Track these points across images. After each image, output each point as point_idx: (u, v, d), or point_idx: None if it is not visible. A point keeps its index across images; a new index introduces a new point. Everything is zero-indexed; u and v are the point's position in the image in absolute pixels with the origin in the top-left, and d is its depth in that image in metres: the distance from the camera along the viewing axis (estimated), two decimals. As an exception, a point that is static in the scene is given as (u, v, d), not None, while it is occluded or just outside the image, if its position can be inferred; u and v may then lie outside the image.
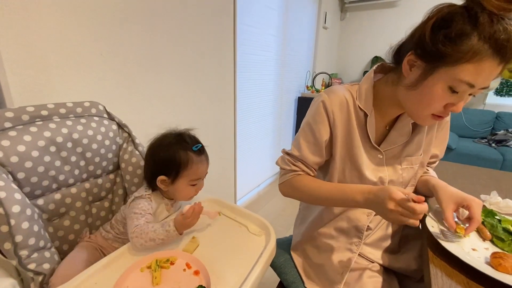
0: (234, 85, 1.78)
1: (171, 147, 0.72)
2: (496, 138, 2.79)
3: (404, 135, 0.69)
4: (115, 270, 0.56)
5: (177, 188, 0.74)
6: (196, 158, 0.74)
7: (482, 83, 0.50)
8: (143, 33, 1.10)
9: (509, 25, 0.45)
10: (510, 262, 0.49)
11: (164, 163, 0.72)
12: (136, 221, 0.66)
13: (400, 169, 0.71)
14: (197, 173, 0.74)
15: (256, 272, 0.57)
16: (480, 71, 0.48)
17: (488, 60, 0.47)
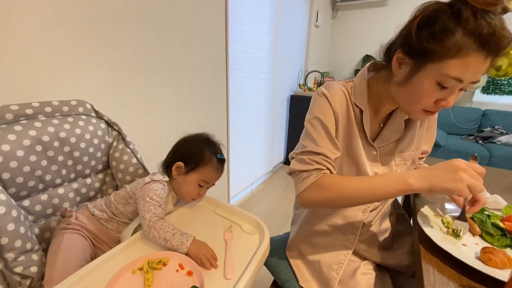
0: (226, 83, 1.76)
1: (201, 145, 0.79)
2: (483, 135, 2.86)
3: (397, 131, 0.70)
4: (106, 273, 0.55)
5: (186, 181, 0.77)
6: (216, 164, 0.79)
7: (470, 78, 0.50)
8: (132, 30, 1.08)
9: (493, 19, 0.45)
10: (499, 257, 0.50)
11: (189, 154, 0.77)
12: (154, 208, 0.67)
13: (394, 165, 0.71)
14: (210, 176, 0.79)
15: (250, 271, 0.57)
16: (466, 66, 0.49)
17: (474, 54, 0.47)
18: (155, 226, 0.63)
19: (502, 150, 2.55)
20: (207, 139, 0.82)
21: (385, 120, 0.71)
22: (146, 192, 0.70)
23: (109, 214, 0.76)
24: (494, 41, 0.46)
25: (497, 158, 2.53)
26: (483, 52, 0.47)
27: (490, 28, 0.45)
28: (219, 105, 1.74)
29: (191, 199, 0.81)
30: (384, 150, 0.71)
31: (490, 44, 0.46)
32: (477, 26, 0.45)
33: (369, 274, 0.71)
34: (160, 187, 0.73)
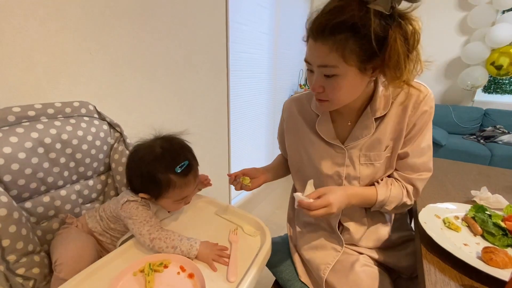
0: (227, 84, 1.76)
1: (150, 169, 0.65)
2: (484, 134, 2.85)
3: (365, 130, 0.68)
4: (107, 275, 0.55)
5: (162, 204, 0.71)
6: (180, 180, 0.66)
7: (311, 59, 0.59)
8: (133, 31, 1.08)
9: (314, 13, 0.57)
10: (501, 257, 0.50)
11: (144, 182, 0.66)
12: (146, 223, 0.64)
13: (358, 164, 0.71)
14: (181, 194, 0.69)
15: (252, 273, 0.57)
16: (308, 49, 0.59)
17: (309, 40, 0.58)
18: (159, 236, 0.62)
19: (504, 150, 2.54)
20: (155, 157, 0.66)
21: (356, 119, 0.71)
22: (128, 213, 0.66)
23: (102, 228, 0.74)
24: (310, 29, 0.56)
25: (498, 157, 2.52)
26: (311, 37, 0.57)
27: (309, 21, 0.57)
28: (219, 106, 1.74)
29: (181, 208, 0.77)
30: (354, 149, 0.71)
31: (310, 31, 0.56)
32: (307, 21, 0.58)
33: (368, 266, 0.71)
34: (138, 205, 0.68)
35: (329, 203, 0.59)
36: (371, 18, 0.50)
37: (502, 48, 2.68)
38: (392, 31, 0.51)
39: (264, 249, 0.64)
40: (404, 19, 0.52)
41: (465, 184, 0.92)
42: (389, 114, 0.67)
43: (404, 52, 0.53)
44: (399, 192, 0.68)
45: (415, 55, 0.56)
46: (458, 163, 1.14)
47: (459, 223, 0.67)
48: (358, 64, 0.55)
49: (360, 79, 0.58)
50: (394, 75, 0.56)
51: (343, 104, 0.64)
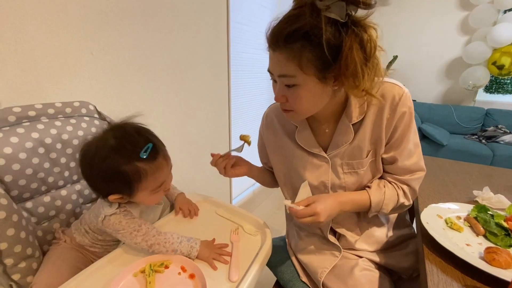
0: (228, 84, 1.76)
1: (110, 160, 0.56)
2: (486, 134, 2.84)
3: (344, 137, 0.67)
4: (107, 275, 0.55)
5: (141, 200, 0.63)
6: (149, 166, 0.58)
7: (271, 69, 0.58)
8: (134, 31, 1.08)
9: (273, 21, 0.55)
10: (503, 257, 0.50)
11: (109, 181, 0.57)
12: (138, 232, 0.61)
13: (342, 173, 0.69)
14: (157, 180, 0.61)
15: (253, 272, 0.57)
16: (269, 59, 0.58)
17: (269, 50, 0.57)
18: (157, 242, 0.60)
19: (506, 150, 2.54)
20: (111, 149, 0.56)
21: (334, 127, 0.68)
22: (113, 229, 0.61)
23: (90, 241, 0.70)
24: (267, 38, 0.55)
25: (500, 157, 2.51)
26: (270, 47, 0.56)
27: (267, 31, 0.56)
28: (220, 105, 1.74)
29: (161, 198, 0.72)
30: (336, 158, 0.69)
31: (268, 41, 0.56)
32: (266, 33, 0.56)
33: (367, 270, 0.70)
34: (121, 217, 0.61)
35: (315, 212, 0.58)
36: (322, 27, 0.48)
37: (504, 48, 2.67)
38: (347, 39, 0.49)
39: (265, 248, 0.64)
40: (359, 27, 0.50)
41: (467, 184, 0.92)
42: (366, 118, 0.65)
43: (361, 61, 0.51)
44: (393, 193, 0.67)
45: (374, 63, 0.53)
46: (460, 163, 1.13)
47: (461, 223, 0.67)
48: (317, 74, 0.53)
49: (322, 88, 0.56)
50: (353, 84, 0.53)
51: (309, 114, 0.63)
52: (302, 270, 0.78)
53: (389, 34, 3.41)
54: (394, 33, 3.41)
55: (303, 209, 0.59)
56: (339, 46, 0.50)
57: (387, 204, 0.66)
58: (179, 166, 1.45)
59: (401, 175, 0.68)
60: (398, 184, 0.68)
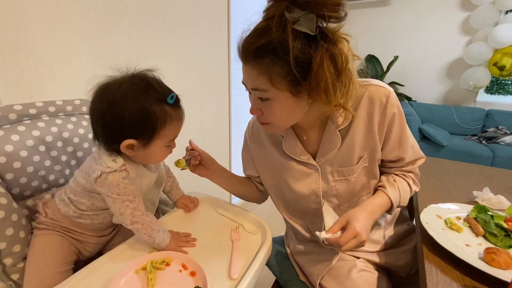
0: (229, 83, 1.76)
1: (138, 102, 0.53)
2: (487, 135, 2.84)
3: (332, 144, 0.65)
4: (109, 272, 0.55)
5: (151, 152, 0.59)
6: (174, 112, 0.58)
7: (245, 81, 0.57)
8: (135, 31, 1.08)
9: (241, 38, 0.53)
10: (503, 257, 0.50)
11: (133, 124, 0.54)
12: (131, 204, 0.58)
13: (333, 181, 0.68)
14: (176, 131, 0.61)
15: (253, 271, 0.57)
16: (242, 72, 0.56)
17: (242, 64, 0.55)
18: (142, 222, 0.60)
19: (506, 151, 2.53)
20: (142, 89, 0.54)
21: (321, 134, 0.67)
22: (107, 189, 0.57)
23: (75, 210, 0.64)
24: (239, 52, 0.53)
25: (500, 158, 2.51)
26: (241, 60, 0.54)
27: (238, 43, 0.53)
28: (221, 105, 1.75)
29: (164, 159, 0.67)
30: (325, 166, 0.68)
31: (240, 54, 0.54)
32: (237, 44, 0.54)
33: (365, 271, 0.69)
34: (119, 178, 0.57)
35: (357, 233, 0.53)
36: (289, 43, 0.46)
37: (505, 48, 2.67)
38: (316, 55, 0.47)
39: (265, 247, 0.64)
40: (328, 41, 0.48)
41: (467, 184, 0.92)
42: (354, 124, 0.63)
43: (333, 76, 0.49)
44: (405, 184, 0.68)
45: (348, 76, 0.51)
46: (460, 164, 1.13)
47: (461, 223, 0.67)
48: (289, 88, 0.51)
49: (296, 102, 0.54)
50: (325, 100, 0.51)
51: (287, 126, 0.62)
52: (301, 270, 0.79)
53: (389, 34, 3.41)
54: (395, 33, 3.41)
55: (343, 235, 0.54)
56: (308, 62, 0.48)
57: (404, 197, 0.67)
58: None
59: (409, 168, 0.69)
60: (405, 173, 0.70)
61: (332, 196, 0.70)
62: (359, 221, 0.55)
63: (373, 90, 0.61)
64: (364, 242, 0.55)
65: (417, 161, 0.70)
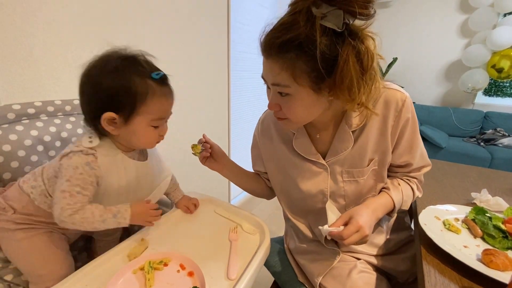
0: (228, 84, 1.76)
1: (120, 72, 0.52)
2: (485, 137, 2.85)
3: (344, 144, 0.65)
4: (107, 272, 0.55)
5: (134, 130, 0.55)
6: (159, 89, 0.55)
7: (265, 76, 0.57)
8: (135, 31, 1.08)
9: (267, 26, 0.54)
10: (501, 259, 0.50)
11: (111, 94, 0.52)
12: (69, 197, 0.51)
13: (341, 181, 0.68)
14: (160, 109, 0.57)
15: (251, 271, 0.57)
16: (263, 65, 0.57)
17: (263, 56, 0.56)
18: (74, 220, 0.52)
19: (504, 153, 2.55)
20: (125, 57, 0.54)
21: (333, 133, 0.67)
22: (64, 171, 0.52)
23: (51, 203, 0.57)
24: (261, 45, 0.54)
25: (499, 160, 2.52)
26: (263, 55, 0.55)
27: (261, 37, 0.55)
28: (220, 106, 1.75)
29: (155, 144, 0.63)
30: (336, 165, 0.68)
31: (262, 47, 0.54)
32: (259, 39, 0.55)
33: (365, 273, 0.69)
34: (82, 162, 0.52)
35: (359, 227, 0.54)
36: (317, 38, 0.45)
37: (503, 51, 2.68)
38: (343, 52, 0.47)
39: (263, 247, 0.64)
40: (356, 38, 0.48)
41: (466, 186, 0.92)
42: (368, 126, 0.63)
43: (357, 74, 0.49)
44: (409, 189, 0.69)
45: (372, 75, 0.51)
46: (458, 165, 1.13)
47: (459, 225, 0.67)
48: (311, 85, 0.51)
49: (316, 99, 0.54)
50: (348, 98, 0.51)
51: (304, 123, 0.61)
52: (300, 271, 0.78)
53: (389, 36, 3.42)
54: (394, 35, 3.42)
55: (346, 228, 0.54)
56: (334, 58, 0.48)
57: (406, 201, 0.68)
58: (179, 166, 1.45)
59: (415, 174, 0.71)
60: (410, 179, 0.71)
61: (339, 196, 0.70)
62: (362, 216, 0.56)
63: (390, 93, 0.61)
64: (367, 237, 0.55)
65: (423, 168, 0.71)
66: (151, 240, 0.66)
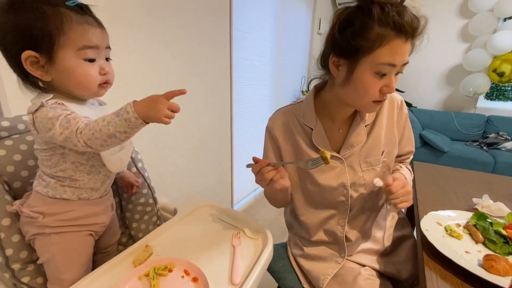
0: (231, 91, 1.79)
1: (26, 4, 0.46)
2: (487, 141, 2.84)
3: (358, 137, 0.71)
4: (112, 278, 0.56)
5: (65, 68, 0.49)
6: (76, 16, 0.49)
7: (400, 60, 0.58)
8: (139, 39, 1.11)
9: (399, 7, 0.55)
10: (502, 264, 0.51)
11: (22, 31, 0.46)
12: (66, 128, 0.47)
13: (361, 171, 0.72)
14: (84, 37, 0.49)
15: (254, 276, 0.57)
16: (393, 51, 0.56)
17: (395, 40, 0.55)
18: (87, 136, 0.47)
19: (507, 157, 2.53)
20: None
21: (346, 127, 0.73)
22: (42, 128, 0.49)
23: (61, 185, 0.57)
24: (405, 24, 0.54)
25: (502, 164, 2.51)
26: (401, 36, 0.55)
27: (399, 16, 0.54)
28: (223, 112, 1.77)
29: (100, 87, 0.56)
30: (351, 157, 0.72)
31: (404, 27, 0.54)
32: (387, 17, 0.54)
33: (371, 280, 0.71)
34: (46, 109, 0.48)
35: (404, 183, 0.64)
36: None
37: (504, 55, 2.69)
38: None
39: (266, 252, 0.65)
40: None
41: (467, 191, 0.93)
42: (378, 121, 0.73)
43: None
44: (408, 171, 0.80)
45: None
46: (460, 170, 1.14)
47: (461, 230, 0.67)
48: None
49: None
50: None
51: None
52: (304, 276, 0.79)
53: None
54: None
55: (394, 183, 0.63)
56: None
57: (409, 179, 0.75)
58: (181, 172, 1.47)
59: (407, 159, 0.84)
60: (404, 163, 0.83)
61: (360, 186, 0.73)
62: (401, 178, 0.66)
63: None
64: (410, 195, 0.64)
65: (412, 153, 0.84)
66: (155, 246, 0.67)
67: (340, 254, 0.76)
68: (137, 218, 0.84)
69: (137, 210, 0.84)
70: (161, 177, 1.33)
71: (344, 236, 0.75)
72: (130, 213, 0.84)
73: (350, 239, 0.76)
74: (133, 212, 0.84)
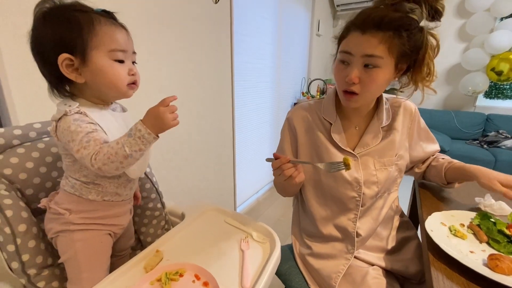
0: (232, 93, 1.80)
1: (60, 15, 0.50)
2: (488, 139, 2.86)
3: (374, 138, 0.75)
4: (124, 284, 0.57)
5: (98, 68, 0.52)
6: (104, 19, 0.53)
7: (354, 50, 0.63)
8: (143, 44, 1.12)
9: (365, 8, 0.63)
10: (506, 263, 0.52)
11: (59, 37, 0.50)
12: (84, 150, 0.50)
13: (374, 170, 0.75)
14: (113, 39, 0.53)
15: (264, 278, 0.58)
16: (349, 41, 0.64)
17: (353, 33, 0.63)
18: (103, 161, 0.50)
19: (508, 155, 2.55)
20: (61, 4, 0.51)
21: (363, 126, 0.77)
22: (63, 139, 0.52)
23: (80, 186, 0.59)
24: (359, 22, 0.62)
25: (502, 162, 2.52)
26: (358, 30, 0.63)
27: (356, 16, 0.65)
28: (224, 115, 1.78)
29: (129, 87, 0.60)
30: (365, 156, 0.75)
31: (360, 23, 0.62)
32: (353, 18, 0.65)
33: (378, 279, 0.72)
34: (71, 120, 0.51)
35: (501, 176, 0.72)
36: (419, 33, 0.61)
37: (502, 54, 2.71)
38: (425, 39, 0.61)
39: (274, 256, 0.66)
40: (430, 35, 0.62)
41: (470, 191, 0.93)
42: (394, 126, 0.76)
43: (431, 59, 0.64)
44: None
45: (434, 64, 0.66)
46: (462, 170, 1.14)
47: (465, 230, 0.68)
48: (396, 61, 0.63)
49: (391, 76, 0.65)
50: (424, 75, 0.66)
51: (368, 101, 0.72)
52: (311, 277, 0.80)
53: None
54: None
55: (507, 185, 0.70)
56: (419, 45, 0.62)
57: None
58: (184, 174, 1.48)
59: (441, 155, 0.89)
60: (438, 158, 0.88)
61: (372, 183, 0.75)
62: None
63: (407, 104, 0.79)
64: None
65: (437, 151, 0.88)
66: (165, 251, 0.68)
67: (348, 250, 0.77)
68: (146, 222, 0.85)
69: (146, 215, 0.85)
70: (166, 181, 1.34)
71: (355, 232, 0.76)
72: (139, 218, 0.85)
73: (360, 235, 0.77)
74: (142, 216, 0.85)
